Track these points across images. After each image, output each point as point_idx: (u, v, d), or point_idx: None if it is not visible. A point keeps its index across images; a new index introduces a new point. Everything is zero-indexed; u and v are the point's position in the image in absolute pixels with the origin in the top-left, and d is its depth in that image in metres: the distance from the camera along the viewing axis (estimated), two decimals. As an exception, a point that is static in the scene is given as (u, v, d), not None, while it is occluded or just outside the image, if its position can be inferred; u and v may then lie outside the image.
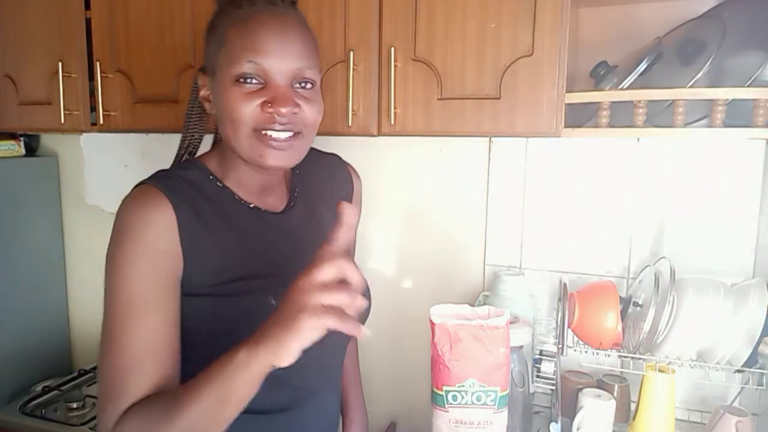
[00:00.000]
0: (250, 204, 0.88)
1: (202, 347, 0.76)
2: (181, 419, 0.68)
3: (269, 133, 0.79)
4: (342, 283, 0.63)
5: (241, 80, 0.79)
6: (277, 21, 0.80)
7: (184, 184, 0.83)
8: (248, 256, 0.84)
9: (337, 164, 1.10)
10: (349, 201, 1.06)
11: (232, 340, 0.69)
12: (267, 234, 0.88)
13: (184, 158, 0.93)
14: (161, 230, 0.77)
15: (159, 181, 0.81)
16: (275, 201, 0.92)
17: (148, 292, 0.75)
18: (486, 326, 0.91)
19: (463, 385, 0.92)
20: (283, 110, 0.78)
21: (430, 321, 0.93)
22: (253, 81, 0.79)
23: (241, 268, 0.82)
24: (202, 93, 0.87)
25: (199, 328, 0.80)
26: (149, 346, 0.75)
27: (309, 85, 0.82)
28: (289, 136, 0.81)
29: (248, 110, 0.78)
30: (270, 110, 0.78)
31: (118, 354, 0.74)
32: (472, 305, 1.53)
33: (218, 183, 0.87)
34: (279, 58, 0.79)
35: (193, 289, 0.79)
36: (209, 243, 0.80)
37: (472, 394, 0.92)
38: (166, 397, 0.72)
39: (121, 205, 0.80)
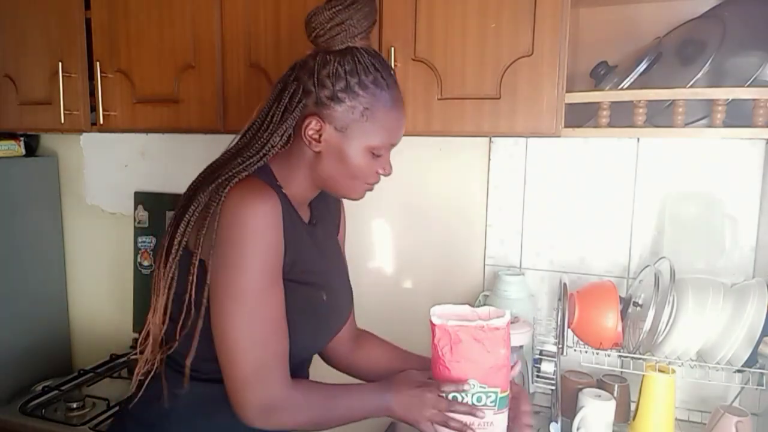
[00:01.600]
0: (298, 212, 0.99)
1: None
2: (334, 411, 0.93)
3: (371, 186, 0.99)
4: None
5: (374, 152, 0.94)
6: (403, 104, 0.97)
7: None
8: (310, 252, 0.98)
9: None
10: (339, 216, 1.18)
11: (288, 320, 0.91)
12: (308, 240, 1.00)
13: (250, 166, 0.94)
14: (279, 218, 0.88)
15: (260, 178, 0.91)
16: (305, 213, 1.03)
17: (274, 271, 0.89)
18: (487, 327, 0.91)
19: (463, 387, 0.92)
20: (391, 171, 0.99)
21: (431, 322, 0.93)
22: (381, 154, 0.95)
23: (307, 262, 0.97)
24: (310, 133, 0.93)
25: None
26: (283, 315, 0.90)
27: None
28: None
29: (370, 173, 0.96)
30: (381, 173, 0.98)
31: (267, 324, 0.88)
32: (472, 305, 1.54)
33: (282, 189, 0.96)
34: (401, 134, 0.98)
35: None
36: (291, 235, 0.92)
37: (473, 395, 0.92)
38: (326, 392, 0.94)
39: (239, 194, 0.86)
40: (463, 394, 0.92)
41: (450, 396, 0.91)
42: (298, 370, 0.99)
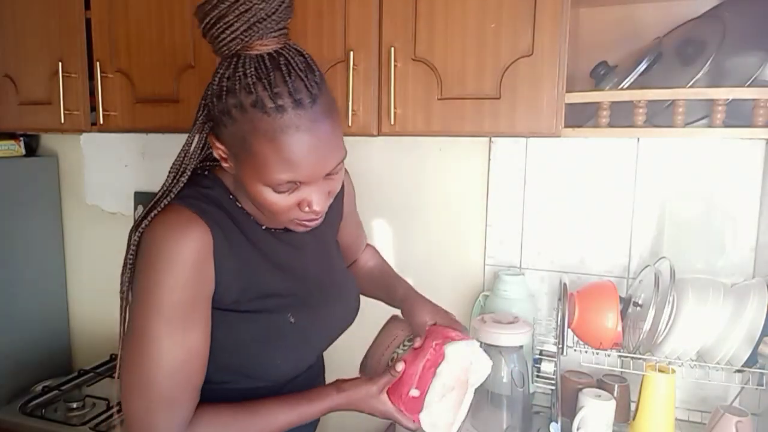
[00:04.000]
0: (263, 226, 0.90)
1: (225, 356, 0.85)
2: None
3: (305, 222, 0.83)
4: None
5: (276, 189, 0.77)
6: (309, 134, 0.74)
7: (211, 205, 0.83)
8: (267, 274, 0.88)
9: None
10: (341, 202, 1.08)
11: (253, 352, 0.85)
12: (281, 252, 0.91)
13: (174, 186, 0.85)
14: (201, 252, 0.78)
15: (191, 203, 0.81)
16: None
17: (189, 309, 0.79)
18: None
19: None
20: (319, 209, 0.80)
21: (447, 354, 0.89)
22: (287, 191, 0.78)
23: (262, 286, 0.87)
24: (218, 153, 0.81)
25: (222, 339, 0.84)
26: (196, 359, 0.80)
27: (339, 166, 0.81)
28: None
29: (284, 206, 0.79)
30: (307, 209, 0.80)
31: (167, 366, 0.77)
32: (472, 305, 1.54)
33: (237, 203, 0.87)
34: (314, 170, 0.77)
35: (220, 304, 0.83)
36: (235, 262, 0.83)
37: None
38: (239, 415, 0.84)
39: (155, 227, 0.79)
40: None
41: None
42: (304, 384, 0.95)
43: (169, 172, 0.85)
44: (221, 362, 0.85)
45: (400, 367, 0.89)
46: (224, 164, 0.82)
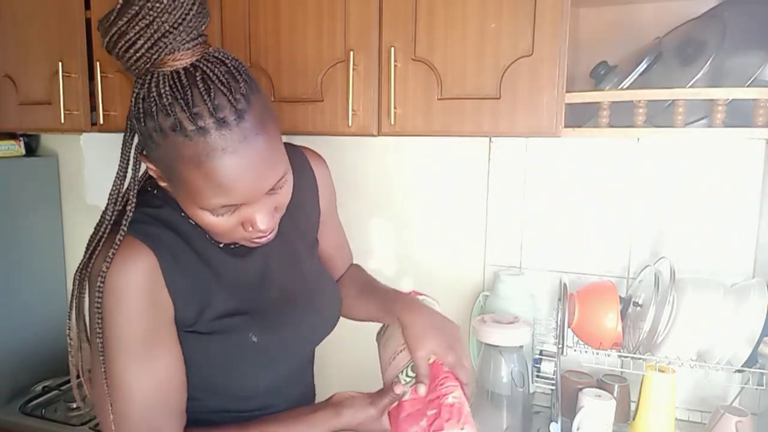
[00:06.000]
0: (220, 244, 0.85)
1: (191, 374, 0.82)
2: None
3: (255, 240, 0.79)
4: None
5: (213, 212, 0.73)
6: (239, 155, 0.68)
7: (159, 226, 0.79)
8: (224, 294, 0.84)
9: (296, 161, 0.91)
10: (316, 195, 1.00)
11: (217, 372, 0.83)
12: (239, 269, 0.87)
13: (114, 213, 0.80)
14: (149, 278, 0.75)
15: (133, 228, 0.77)
16: None
17: (150, 337, 0.76)
18: None
19: None
20: (265, 228, 0.76)
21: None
22: (226, 213, 0.74)
23: (219, 307, 0.83)
24: (153, 173, 0.77)
25: (186, 360, 0.82)
26: (170, 384, 0.79)
27: (282, 181, 0.76)
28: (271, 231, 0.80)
29: (227, 228, 0.75)
30: (251, 230, 0.76)
31: (139, 398, 0.76)
32: (473, 305, 1.54)
33: (190, 220, 0.81)
34: (251, 192, 0.71)
35: (181, 326, 0.81)
36: (189, 284, 0.80)
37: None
38: None
39: (98, 262, 0.76)
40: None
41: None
42: (285, 395, 0.93)
43: (108, 201, 0.80)
44: (190, 379, 0.82)
45: (398, 390, 0.86)
46: (161, 183, 0.77)
